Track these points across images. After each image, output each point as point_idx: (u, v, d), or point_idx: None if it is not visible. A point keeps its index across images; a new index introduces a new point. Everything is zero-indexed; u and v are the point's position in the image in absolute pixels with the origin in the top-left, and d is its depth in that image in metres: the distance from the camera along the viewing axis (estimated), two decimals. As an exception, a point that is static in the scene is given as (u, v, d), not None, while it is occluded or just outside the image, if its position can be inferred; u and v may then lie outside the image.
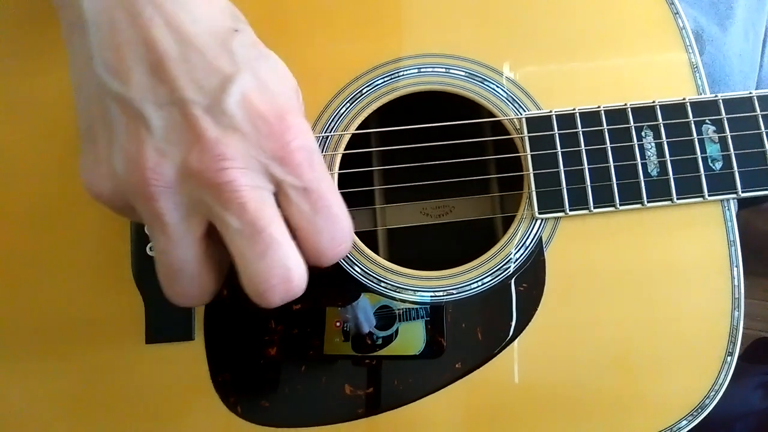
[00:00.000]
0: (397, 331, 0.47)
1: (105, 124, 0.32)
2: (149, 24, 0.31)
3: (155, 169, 0.31)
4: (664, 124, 0.47)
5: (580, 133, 0.47)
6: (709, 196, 0.47)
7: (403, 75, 0.50)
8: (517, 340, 0.46)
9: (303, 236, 0.34)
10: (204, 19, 0.32)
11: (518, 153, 0.48)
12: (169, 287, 0.35)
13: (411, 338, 0.47)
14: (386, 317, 0.47)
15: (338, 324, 0.47)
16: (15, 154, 0.49)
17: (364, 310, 0.47)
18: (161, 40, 0.31)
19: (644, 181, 0.47)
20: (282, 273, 0.32)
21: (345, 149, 0.49)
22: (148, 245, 0.47)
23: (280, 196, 0.33)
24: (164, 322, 0.47)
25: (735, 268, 0.47)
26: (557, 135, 0.47)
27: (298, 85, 0.37)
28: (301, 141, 0.33)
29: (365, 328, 0.47)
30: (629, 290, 0.46)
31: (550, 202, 0.47)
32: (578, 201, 0.47)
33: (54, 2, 0.35)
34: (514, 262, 0.47)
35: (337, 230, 0.34)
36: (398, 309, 0.47)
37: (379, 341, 0.47)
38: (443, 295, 0.47)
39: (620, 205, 0.47)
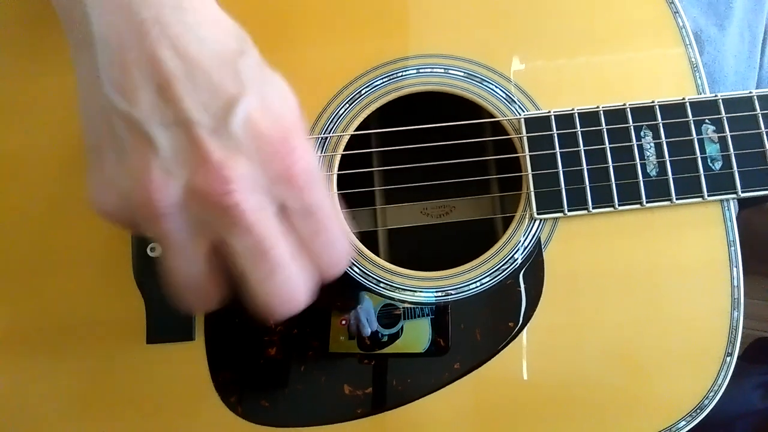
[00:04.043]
0: (402, 329, 0.47)
1: (112, 143, 0.33)
2: (156, 45, 0.31)
3: (160, 189, 0.31)
4: (663, 124, 0.47)
5: (579, 133, 0.47)
6: (708, 196, 0.47)
7: (402, 76, 0.50)
8: (516, 339, 0.46)
9: (302, 254, 0.34)
10: (210, 40, 0.32)
11: (517, 153, 0.48)
12: (178, 298, 0.36)
13: (416, 336, 0.47)
14: (391, 315, 0.47)
15: (343, 322, 0.47)
16: (17, 156, 0.50)
17: (367, 312, 0.47)
18: (167, 61, 0.31)
19: (643, 181, 0.47)
20: (286, 293, 0.33)
21: (344, 150, 0.49)
22: (149, 246, 0.47)
23: (281, 215, 0.34)
24: (165, 323, 0.47)
25: (734, 269, 0.47)
26: (556, 135, 0.47)
27: (298, 87, 0.37)
28: (304, 163, 0.33)
29: (367, 330, 0.47)
30: (628, 291, 0.46)
31: (548, 202, 0.47)
32: (577, 201, 0.47)
33: (62, 19, 0.36)
34: (513, 263, 0.47)
35: (334, 252, 0.35)
36: (403, 307, 0.47)
37: (385, 339, 0.47)
38: (442, 296, 0.47)
39: (619, 205, 0.47)
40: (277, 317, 0.34)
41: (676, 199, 0.47)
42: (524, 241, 0.47)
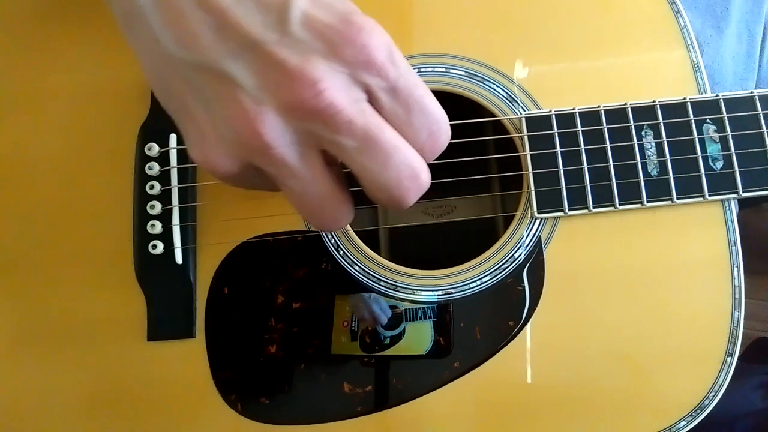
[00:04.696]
0: (404, 331, 0.47)
1: (196, 98, 0.33)
2: None
3: (259, 118, 0.31)
4: (664, 123, 0.47)
5: (580, 132, 0.47)
6: (709, 196, 0.47)
7: (403, 74, 0.50)
8: (516, 338, 0.46)
9: (402, 136, 0.34)
10: None
11: (518, 152, 0.48)
12: (319, 221, 0.36)
13: (418, 337, 0.47)
14: (393, 317, 0.47)
15: (346, 324, 0.47)
16: (18, 153, 0.50)
17: (377, 301, 0.47)
18: None
19: (644, 180, 0.47)
20: (409, 172, 0.33)
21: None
22: (150, 243, 0.48)
23: (372, 102, 0.33)
24: (166, 320, 0.47)
25: (735, 269, 0.47)
26: (557, 134, 0.48)
27: None
28: (376, 39, 0.32)
29: (383, 319, 0.47)
30: (628, 290, 0.46)
31: (549, 201, 0.47)
32: (577, 201, 0.47)
33: None
34: (513, 262, 0.47)
35: (433, 124, 0.34)
36: (404, 308, 0.47)
37: (387, 341, 0.47)
38: (442, 294, 0.47)
39: (620, 205, 0.47)
40: (408, 202, 0.34)
41: (677, 198, 0.47)
42: (525, 240, 0.48)
